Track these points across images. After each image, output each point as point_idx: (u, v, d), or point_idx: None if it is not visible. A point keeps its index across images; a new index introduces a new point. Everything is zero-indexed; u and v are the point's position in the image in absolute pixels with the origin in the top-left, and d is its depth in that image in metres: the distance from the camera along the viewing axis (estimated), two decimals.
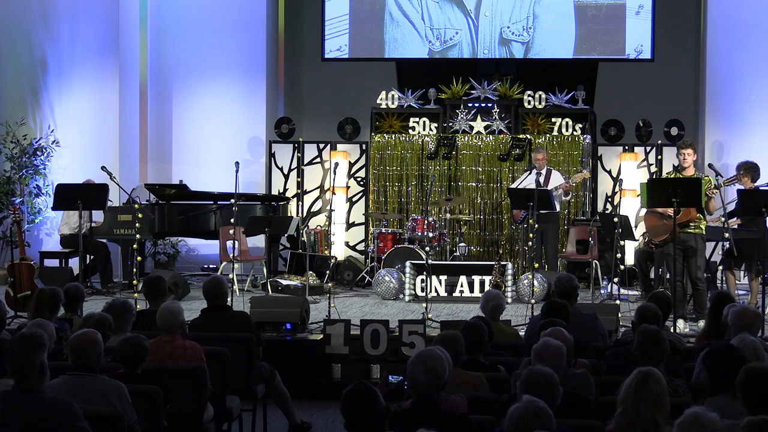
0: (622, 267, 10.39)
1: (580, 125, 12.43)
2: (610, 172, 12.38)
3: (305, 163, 12.99)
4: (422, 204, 12.15)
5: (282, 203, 12.28)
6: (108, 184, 10.03)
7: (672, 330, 7.64)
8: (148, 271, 11.64)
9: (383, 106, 12.87)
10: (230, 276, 9.67)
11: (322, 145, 13.00)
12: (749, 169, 9.79)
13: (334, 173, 11.77)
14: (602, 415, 4.43)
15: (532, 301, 8.96)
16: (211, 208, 11.37)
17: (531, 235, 9.85)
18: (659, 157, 12.20)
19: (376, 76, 14.04)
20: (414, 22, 13.36)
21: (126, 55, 12.80)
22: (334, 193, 12.33)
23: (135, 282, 9.19)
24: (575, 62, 13.53)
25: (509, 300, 9.99)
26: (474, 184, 12.44)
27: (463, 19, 13.26)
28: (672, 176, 8.95)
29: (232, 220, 9.90)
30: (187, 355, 5.68)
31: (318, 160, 13.00)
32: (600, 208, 12.28)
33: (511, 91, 12.69)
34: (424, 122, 12.81)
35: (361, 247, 12.76)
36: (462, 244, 11.56)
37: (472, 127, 12.61)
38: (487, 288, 10.02)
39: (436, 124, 12.81)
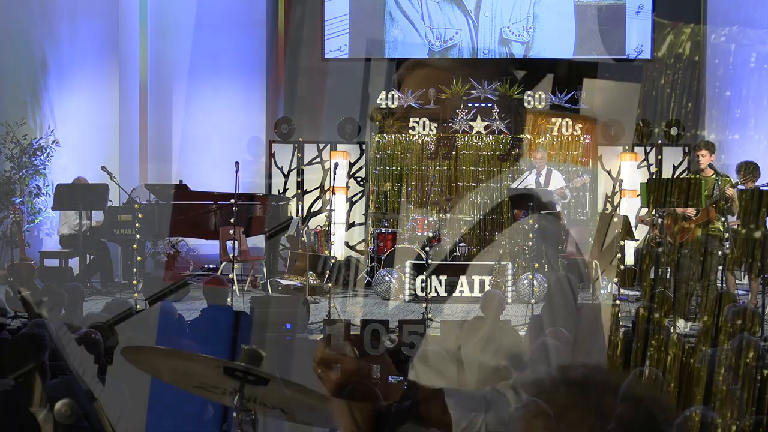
0: (622, 267, 10.39)
1: (580, 125, 12.43)
2: (610, 172, 12.38)
3: (305, 163, 12.98)
4: (422, 204, 12.15)
5: (282, 203, 12.27)
6: (108, 184, 10.04)
7: (672, 330, 7.64)
8: (148, 271, 11.64)
9: (383, 106, 12.86)
10: (230, 276, 9.67)
11: (322, 145, 12.99)
12: (750, 169, 9.78)
13: (334, 173, 11.76)
14: None
15: (532, 301, 8.96)
16: (211, 208, 11.37)
17: (531, 235, 9.85)
18: (659, 157, 12.21)
19: (376, 77, 14.03)
20: (414, 22, 13.36)
21: (126, 55, 12.80)
22: (334, 193, 12.32)
23: (135, 282, 9.19)
24: (575, 62, 13.52)
25: (509, 300, 9.98)
26: (474, 184, 12.43)
27: (463, 19, 13.26)
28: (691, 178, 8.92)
29: (232, 220, 9.89)
30: None
31: (318, 160, 12.99)
32: (600, 208, 12.27)
33: (511, 91, 12.69)
34: (424, 122, 12.80)
35: (361, 247, 12.76)
36: (462, 244, 11.55)
37: (472, 127, 12.60)
38: (487, 288, 10.02)
39: (436, 124, 12.80)
